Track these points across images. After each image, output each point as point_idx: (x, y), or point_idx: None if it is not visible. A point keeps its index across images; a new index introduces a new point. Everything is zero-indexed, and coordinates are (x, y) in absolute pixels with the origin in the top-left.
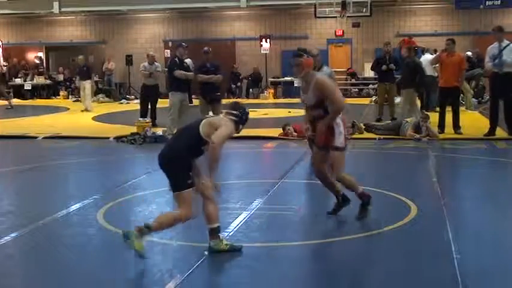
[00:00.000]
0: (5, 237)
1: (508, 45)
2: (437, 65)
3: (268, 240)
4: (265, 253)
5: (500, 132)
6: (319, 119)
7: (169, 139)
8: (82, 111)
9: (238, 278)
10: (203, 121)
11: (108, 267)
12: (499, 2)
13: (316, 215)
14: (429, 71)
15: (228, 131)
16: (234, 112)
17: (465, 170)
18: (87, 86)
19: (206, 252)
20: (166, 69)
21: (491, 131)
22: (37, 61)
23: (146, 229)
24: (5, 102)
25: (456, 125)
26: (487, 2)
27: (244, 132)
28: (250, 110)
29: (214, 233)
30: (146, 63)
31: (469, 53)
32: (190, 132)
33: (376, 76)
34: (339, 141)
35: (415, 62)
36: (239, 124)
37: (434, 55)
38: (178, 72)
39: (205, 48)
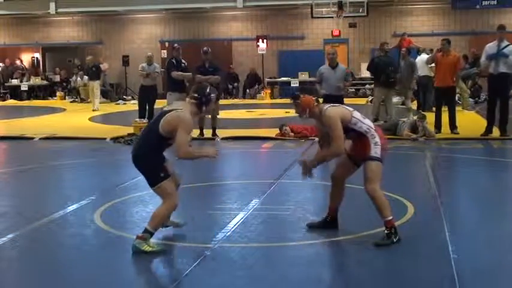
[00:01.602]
0: (2, 238)
1: (507, 45)
2: (433, 64)
3: (265, 241)
4: (262, 253)
5: (496, 132)
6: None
7: (138, 138)
8: (93, 110)
9: (235, 278)
10: (162, 119)
11: (105, 267)
12: (495, 2)
13: (313, 215)
14: (425, 71)
15: (183, 133)
16: (195, 95)
17: (462, 170)
18: (96, 86)
19: (207, 252)
20: (163, 69)
21: (488, 130)
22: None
23: (147, 234)
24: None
25: (452, 125)
26: (483, 2)
27: (241, 132)
28: (247, 110)
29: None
30: (145, 64)
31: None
32: (152, 131)
33: (373, 76)
34: (375, 151)
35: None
36: (201, 106)
37: (430, 55)
38: (175, 74)
39: (205, 48)
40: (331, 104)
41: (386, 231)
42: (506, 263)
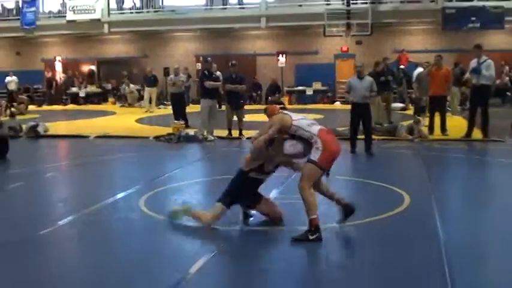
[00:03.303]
0: (63, 220)
1: (485, 60)
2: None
3: (284, 224)
4: (282, 236)
5: (477, 134)
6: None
7: None
8: (145, 111)
9: (258, 255)
10: None
11: (147, 245)
12: (478, 25)
13: (322, 203)
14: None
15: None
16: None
17: (450, 166)
18: (153, 92)
19: (234, 233)
20: (197, 79)
21: (468, 133)
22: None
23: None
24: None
25: (443, 128)
26: (469, 24)
27: None
28: None
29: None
30: (172, 75)
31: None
32: None
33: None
34: (314, 155)
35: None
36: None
37: (426, 69)
38: (208, 83)
39: (233, 62)
40: (286, 112)
41: (307, 228)
42: (488, 244)
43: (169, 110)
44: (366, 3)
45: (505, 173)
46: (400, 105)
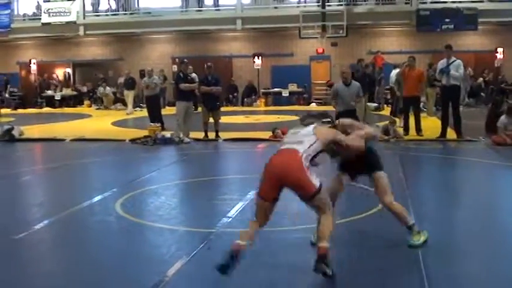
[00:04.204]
0: (39, 224)
1: (454, 61)
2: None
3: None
4: (259, 237)
5: (452, 134)
6: None
7: None
8: (127, 114)
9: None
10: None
11: (123, 247)
12: (452, 26)
13: (299, 203)
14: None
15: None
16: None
17: (425, 166)
18: (131, 94)
19: (212, 236)
20: (173, 81)
21: (443, 133)
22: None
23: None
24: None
25: (418, 128)
26: (442, 26)
27: (240, 134)
28: (245, 116)
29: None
30: (146, 78)
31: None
32: None
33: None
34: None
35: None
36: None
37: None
38: (183, 85)
39: (208, 64)
40: None
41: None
42: (460, 239)
43: (145, 112)
44: (341, 5)
45: (478, 172)
46: (374, 104)
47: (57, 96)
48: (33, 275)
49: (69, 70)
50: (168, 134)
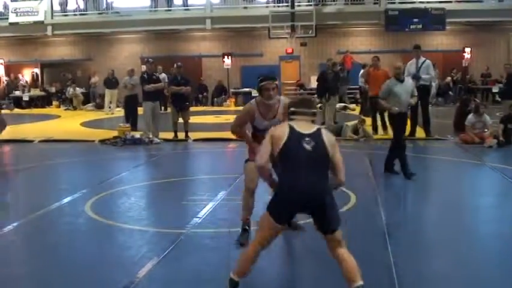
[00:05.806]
0: (8, 226)
1: (424, 61)
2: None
3: (232, 226)
4: (229, 237)
5: (421, 133)
6: None
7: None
8: (106, 114)
9: (207, 258)
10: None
11: (93, 249)
12: (420, 26)
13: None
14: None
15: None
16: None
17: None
18: (114, 94)
19: (182, 237)
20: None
21: (412, 132)
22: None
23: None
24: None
25: (384, 126)
26: (411, 26)
27: (210, 135)
28: (214, 116)
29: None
30: (127, 77)
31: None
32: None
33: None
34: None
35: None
36: None
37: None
38: (147, 87)
39: (178, 64)
40: None
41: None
42: (429, 234)
43: (118, 113)
44: (310, 5)
45: (447, 171)
46: (342, 104)
47: (25, 97)
48: (2, 278)
49: (37, 70)
50: (137, 135)
